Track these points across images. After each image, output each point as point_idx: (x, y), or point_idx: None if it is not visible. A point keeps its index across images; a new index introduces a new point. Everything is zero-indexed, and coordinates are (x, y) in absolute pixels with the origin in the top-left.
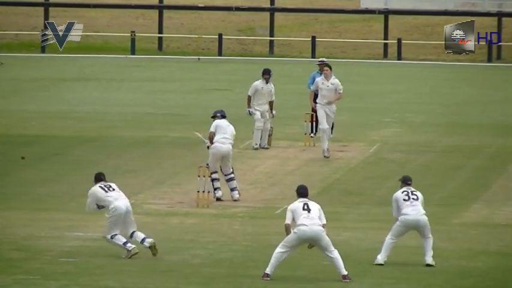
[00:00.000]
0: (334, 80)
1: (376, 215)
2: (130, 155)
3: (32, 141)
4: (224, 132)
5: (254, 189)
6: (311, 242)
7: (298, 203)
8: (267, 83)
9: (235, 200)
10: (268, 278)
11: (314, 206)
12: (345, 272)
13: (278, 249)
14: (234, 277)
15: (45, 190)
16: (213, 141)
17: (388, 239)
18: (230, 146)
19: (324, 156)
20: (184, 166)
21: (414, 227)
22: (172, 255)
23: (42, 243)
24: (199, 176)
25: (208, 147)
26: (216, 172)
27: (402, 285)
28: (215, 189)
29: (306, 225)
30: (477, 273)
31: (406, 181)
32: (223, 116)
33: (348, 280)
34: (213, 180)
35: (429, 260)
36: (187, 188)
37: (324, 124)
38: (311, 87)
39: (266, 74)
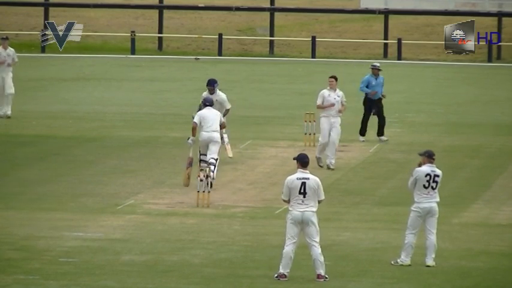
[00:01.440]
0: (339, 92)
1: (376, 215)
2: (130, 155)
3: (31, 141)
4: (209, 121)
5: (254, 189)
6: (300, 225)
7: (297, 181)
8: (211, 93)
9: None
10: (286, 278)
11: (311, 185)
12: (320, 272)
13: (285, 246)
14: (234, 277)
15: (44, 190)
16: (200, 132)
17: (408, 234)
18: (214, 133)
19: (327, 167)
20: (184, 166)
21: (426, 213)
22: (172, 255)
23: (42, 243)
24: (199, 176)
25: (188, 138)
26: (204, 154)
27: (402, 285)
28: (201, 170)
29: (298, 211)
30: (477, 273)
31: (431, 156)
32: (210, 105)
33: (321, 280)
34: (201, 161)
35: (430, 261)
36: (187, 188)
37: (326, 137)
38: (317, 101)
39: (209, 85)
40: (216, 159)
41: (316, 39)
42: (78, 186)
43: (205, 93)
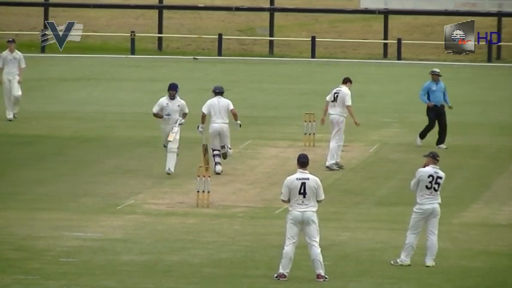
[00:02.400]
0: None
1: (376, 215)
2: (130, 155)
3: (31, 141)
4: (217, 112)
5: (254, 189)
6: (301, 225)
7: (297, 181)
8: (172, 99)
9: (216, 173)
10: (285, 278)
11: (311, 185)
12: (320, 272)
13: (284, 246)
14: (234, 277)
15: (44, 190)
16: (210, 122)
17: (409, 234)
18: (223, 124)
19: (329, 168)
20: (184, 166)
21: (429, 214)
22: (172, 255)
23: (42, 243)
24: (199, 176)
25: (198, 127)
26: (216, 150)
27: (402, 285)
28: (215, 163)
29: (298, 211)
30: (477, 273)
31: (435, 157)
32: (219, 93)
33: (321, 280)
34: (214, 155)
35: (429, 262)
36: (187, 188)
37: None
38: (350, 102)
39: (171, 90)
40: (225, 147)
41: (316, 39)
42: (78, 186)
43: (164, 98)
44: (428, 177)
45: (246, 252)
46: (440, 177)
